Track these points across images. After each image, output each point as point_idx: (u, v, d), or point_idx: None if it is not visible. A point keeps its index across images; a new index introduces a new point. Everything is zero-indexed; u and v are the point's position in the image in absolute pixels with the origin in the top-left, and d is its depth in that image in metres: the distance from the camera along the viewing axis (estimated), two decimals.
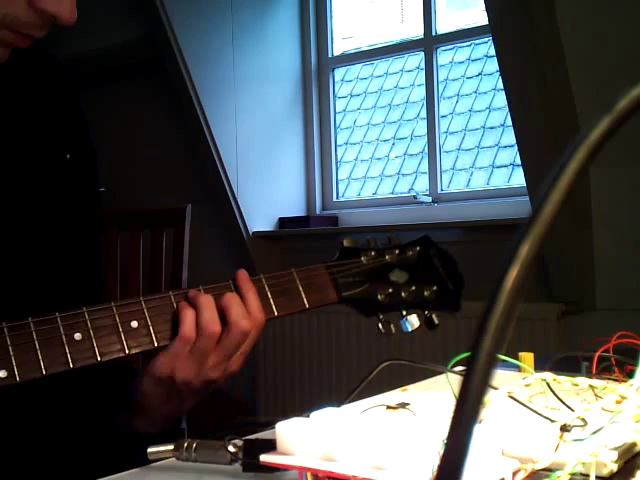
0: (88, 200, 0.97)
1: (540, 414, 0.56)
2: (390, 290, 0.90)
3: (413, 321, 0.89)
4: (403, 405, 0.63)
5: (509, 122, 2.64)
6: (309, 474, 0.45)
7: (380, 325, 0.89)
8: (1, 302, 0.82)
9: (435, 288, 0.91)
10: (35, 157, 0.90)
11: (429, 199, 2.98)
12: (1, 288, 0.83)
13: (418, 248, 0.93)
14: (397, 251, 0.92)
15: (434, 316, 0.91)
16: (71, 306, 0.87)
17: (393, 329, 0.90)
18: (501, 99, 2.85)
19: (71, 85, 0.99)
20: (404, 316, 0.90)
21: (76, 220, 0.94)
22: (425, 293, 0.90)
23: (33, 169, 0.89)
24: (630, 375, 0.64)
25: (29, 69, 0.94)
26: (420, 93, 3.15)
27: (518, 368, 0.71)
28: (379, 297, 0.89)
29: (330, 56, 3.33)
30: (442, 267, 0.93)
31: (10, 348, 0.69)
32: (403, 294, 0.90)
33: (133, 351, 0.75)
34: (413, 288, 0.90)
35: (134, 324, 0.76)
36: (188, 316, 0.77)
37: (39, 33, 0.81)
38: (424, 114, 3.08)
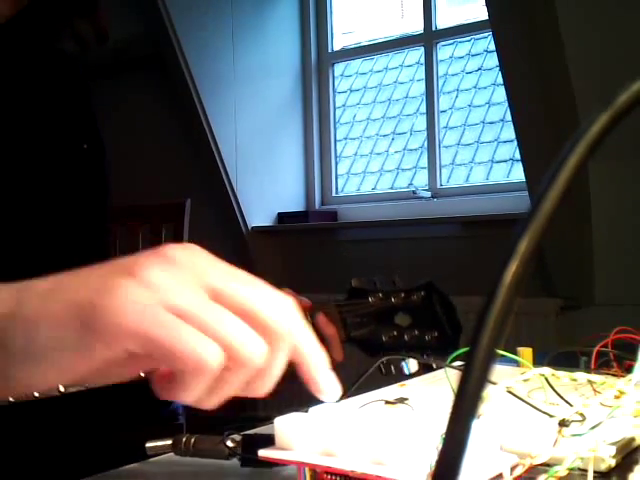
0: (101, 193, 0.98)
1: (539, 409, 0.56)
2: (394, 333, 0.93)
3: (412, 365, 0.92)
4: (402, 400, 0.63)
5: (509, 117, 2.64)
6: (307, 469, 0.45)
7: (381, 366, 0.92)
8: None
9: (436, 334, 0.94)
10: (53, 146, 0.91)
11: (428, 194, 2.98)
12: (11, 276, 0.84)
13: (423, 293, 0.96)
14: (403, 294, 0.95)
15: (432, 360, 0.94)
16: None
17: (393, 370, 0.92)
18: (501, 94, 2.85)
19: (83, 80, 1.00)
20: (404, 359, 0.93)
21: (88, 211, 0.95)
22: (426, 338, 0.94)
23: (51, 158, 0.90)
24: (629, 370, 0.64)
25: (42, 63, 0.94)
26: (420, 88, 3.15)
27: (517, 363, 0.71)
28: (384, 339, 0.93)
29: (330, 51, 3.33)
30: (443, 314, 0.96)
31: None
32: (406, 337, 0.93)
33: (145, 375, 0.76)
34: (415, 332, 0.94)
35: None
36: None
37: None
38: (424, 109, 3.08)
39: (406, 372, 0.92)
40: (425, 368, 0.94)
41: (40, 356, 0.40)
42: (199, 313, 0.40)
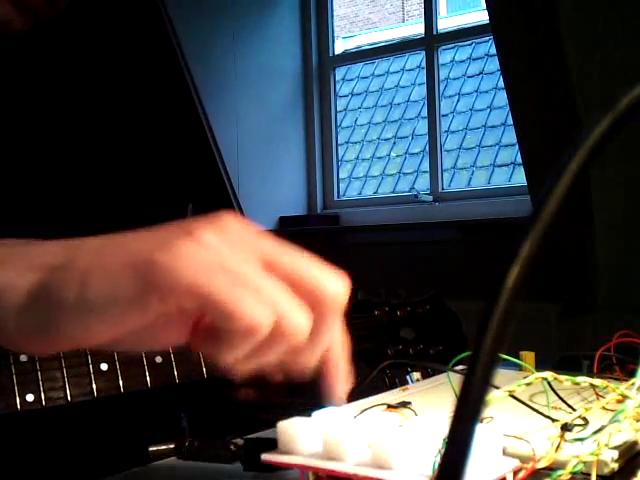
0: (111, 198, 0.99)
1: (541, 413, 0.56)
2: (399, 347, 0.93)
3: (415, 377, 0.93)
4: (404, 404, 0.63)
5: (510, 121, 2.64)
6: (310, 473, 0.45)
7: (386, 379, 0.92)
8: None
9: (440, 348, 0.94)
10: (63, 153, 0.91)
11: (430, 198, 2.98)
12: None
13: (428, 307, 0.96)
14: (408, 308, 0.95)
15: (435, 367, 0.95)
16: None
17: (398, 384, 0.93)
18: (502, 98, 2.85)
19: (97, 88, 1.00)
20: (409, 372, 0.93)
21: (97, 217, 0.95)
22: (430, 352, 0.94)
23: (60, 165, 0.91)
24: (631, 374, 0.64)
25: (55, 70, 0.95)
26: (421, 92, 3.15)
27: (519, 367, 0.71)
28: (389, 352, 0.93)
29: (331, 55, 3.33)
30: (448, 327, 0.97)
31: (39, 373, 0.70)
32: (411, 351, 0.94)
33: (154, 385, 0.76)
34: (421, 347, 0.94)
35: (158, 359, 0.77)
36: None
37: None
38: (425, 113, 3.08)
39: (410, 383, 0.93)
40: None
41: (92, 308, 0.40)
42: (253, 279, 0.41)
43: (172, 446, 0.64)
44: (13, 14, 0.78)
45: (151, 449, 0.64)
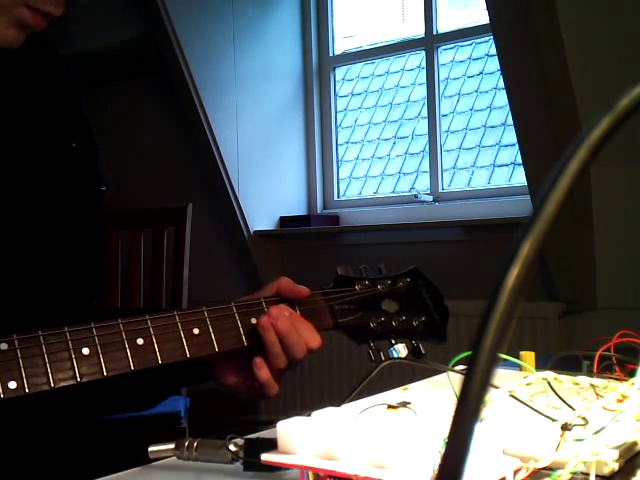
0: (92, 191, 0.98)
1: (541, 413, 0.56)
2: (382, 319, 0.94)
3: (401, 350, 0.93)
4: (404, 404, 0.63)
5: (510, 121, 2.64)
6: (310, 473, 0.45)
7: (370, 352, 0.93)
8: (4, 288, 0.83)
9: (423, 319, 0.95)
10: (42, 146, 0.91)
11: (430, 198, 2.97)
12: (5, 274, 0.84)
13: (408, 279, 0.98)
14: (389, 281, 0.97)
15: (421, 346, 0.95)
16: (71, 297, 0.88)
17: (382, 356, 0.93)
18: (502, 98, 2.85)
19: (72, 78, 1.00)
20: (393, 344, 0.94)
21: (79, 210, 0.95)
22: (414, 323, 0.95)
23: (40, 158, 0.91)
24: (631, 374, 0.64)
25: (31, 62, 0.95)
26: (421, 92, 3.15)
27: (519, 367, 0.71)
28: (371, 325, 0.94)
29: (331, 55, 3.33)
30: (430, 299, 0.97)
31: (20, 360, 0.70)
32: (393, 323, 0.94)
33: (138, 367, 0.76)
34: (403, 318, 0.95)
35: (140, 341, 0.77)
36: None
37: (56, 11, 0.82)
38: (425, 113, 3.08)
39: (394, 357, 0.93)
40: (414, 353, 0.96)
41: None
42: None
43: (172, 446, 0.64)
44: (15, 35, 0.80)
45: (151, 449, 0.64)
